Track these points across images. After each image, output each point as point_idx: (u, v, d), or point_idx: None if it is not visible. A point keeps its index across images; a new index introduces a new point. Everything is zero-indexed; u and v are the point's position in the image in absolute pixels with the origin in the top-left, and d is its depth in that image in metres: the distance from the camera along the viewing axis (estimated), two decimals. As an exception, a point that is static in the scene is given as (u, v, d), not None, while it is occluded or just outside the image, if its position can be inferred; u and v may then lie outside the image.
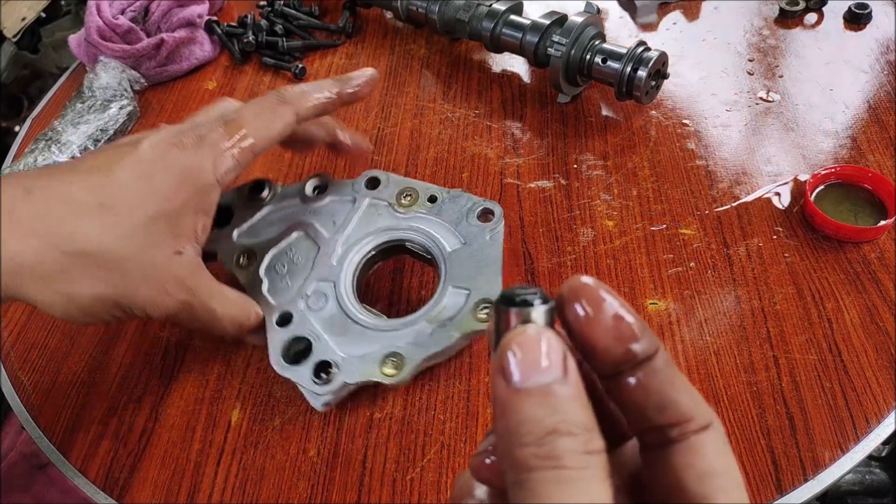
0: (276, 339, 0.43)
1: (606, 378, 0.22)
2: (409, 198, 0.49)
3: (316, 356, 0.42)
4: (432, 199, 0.49)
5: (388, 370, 0.41)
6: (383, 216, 0.48)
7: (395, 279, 0.51)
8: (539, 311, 0.20)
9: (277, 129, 0.42)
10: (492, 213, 0.47)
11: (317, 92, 0.45)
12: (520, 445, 0.19)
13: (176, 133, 0.40)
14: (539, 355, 0.19)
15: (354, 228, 0.48)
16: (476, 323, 0.42)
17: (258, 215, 0.49)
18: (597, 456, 0.19)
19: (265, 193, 0.50)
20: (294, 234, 0.48)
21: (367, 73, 0.48)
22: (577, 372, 0.20)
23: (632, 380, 0.21)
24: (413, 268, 0.52)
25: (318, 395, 0.42)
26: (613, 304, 0.21)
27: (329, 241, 0.47)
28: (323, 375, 0.42)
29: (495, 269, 0.44)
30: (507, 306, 0.20)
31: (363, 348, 0.42)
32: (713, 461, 0.21)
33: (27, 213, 0.36)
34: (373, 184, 0.50)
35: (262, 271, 0.46)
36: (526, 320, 0.20)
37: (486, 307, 0.43)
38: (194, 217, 0.40)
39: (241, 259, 0.47)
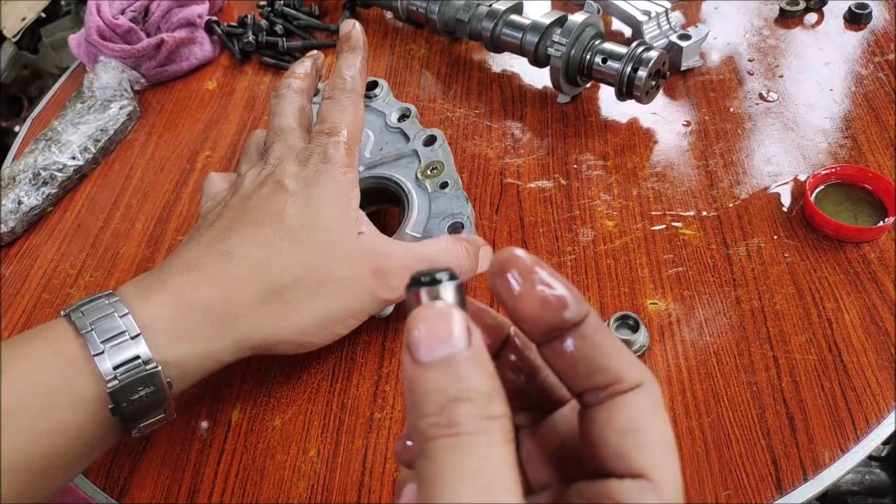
0: None
1: (539, 345, 0.22)
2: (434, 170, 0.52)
3: None
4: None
5: None
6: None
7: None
8: (447, 288, 0.21)
9: (360, 118, 0.47)
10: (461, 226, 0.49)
11: (359, 65, 0.49)
12: (422, 416, 0.19)
13: (300, 159, 0.44)
14: (442, 329, 0.20)
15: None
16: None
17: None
18: (497, 421, 0.19)
19: (377, 90, 0.57)
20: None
21: (352, 23, 0.51)
22: (482, 342, 0.20)
23: (562, 345, 0.22)
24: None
25: None
26: (542, 274, 0.21)
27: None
28: None
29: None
30: (416, 287, 0.21)
31: None
32: (634, 418, 0.21)
33: (240, 268, 0.39)
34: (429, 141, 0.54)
35: None
36: (435, 298, 0.21)
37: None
38: (355, 203, 0.43)
39: None
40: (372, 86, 0.58)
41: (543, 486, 0.24)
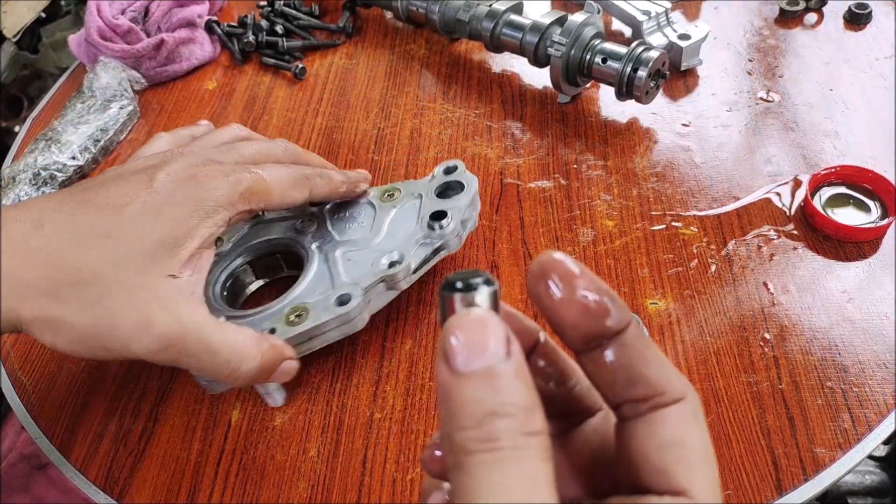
0: None
1: (577, 352, 0.22)
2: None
3: None
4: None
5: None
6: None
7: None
8: (483, 294, 0.20)
9: (291, 202, 0.44)
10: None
11: (333, 183, 0.47)
12: (459, 429, 0.19)
13: (195, 164, 0.40)
14: (481, 338, 0.19)
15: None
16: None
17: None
18: (536, 437, 0.19)
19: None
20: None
21: (365, 175, 0.50)
22: (521, 354, 0.20)
23: (602, 354, 0.21)
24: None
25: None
26: (584, 279, 0.20)
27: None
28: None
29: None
30: (450, 291, 0.20)
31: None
32: (676, 432, 0.20)
33: (37, 245, 0.36)
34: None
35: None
36: (470, 304, 0.20)
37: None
38: (199, 246, 0.39)
39: None
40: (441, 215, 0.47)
41: (571, 500, 0.23)
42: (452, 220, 0.45)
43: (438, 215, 0.46)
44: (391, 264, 0.44)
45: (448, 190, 0.48)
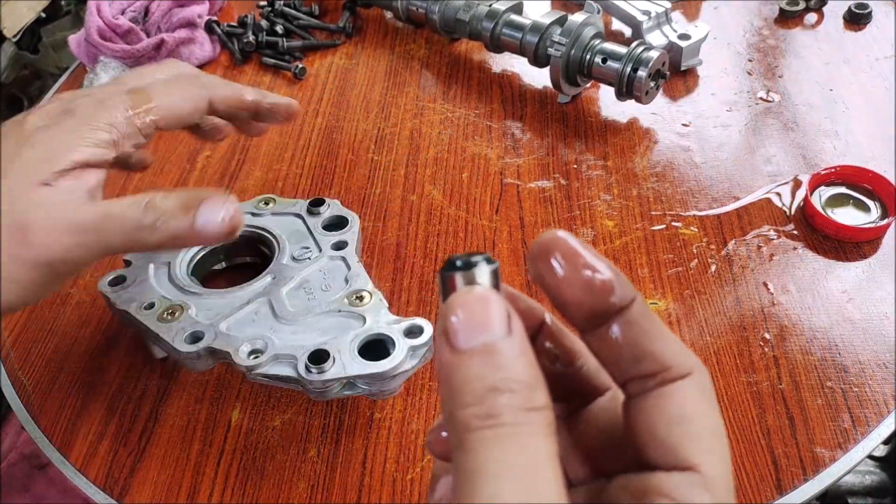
0: None
1: (583, 331, 0.21)
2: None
3: None
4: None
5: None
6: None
7: (395, 279, 0.51)
8: (483, 272, 0.20)
9: (187, 110, 0.41)
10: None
11: (235, 88, 0.44)
12: (461, 406, 0.18)
13: (71, 100, 0.38)
14: (482, 315, 0.19)
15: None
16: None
17: None
18: (538, 413, 0.18)
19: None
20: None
21: (287, 100, 0.47)
22: (523, 331, 0.19)
23: (608, 331, 0.21)
24: (413, 268, 0.52)
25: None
26: (587, 256, 0.20)
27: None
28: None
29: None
30: (451, 271, 0.20)
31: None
32: (684, 407, 0.20)
33: None
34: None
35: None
36: (471, 282, 0.20)
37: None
38: (78, 162, 0.37)
39: None
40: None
41: (580, 481, 0.23)
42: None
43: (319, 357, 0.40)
44: (252, 353, 0.41)
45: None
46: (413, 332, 0.40)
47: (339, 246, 0.47)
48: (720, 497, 0.19)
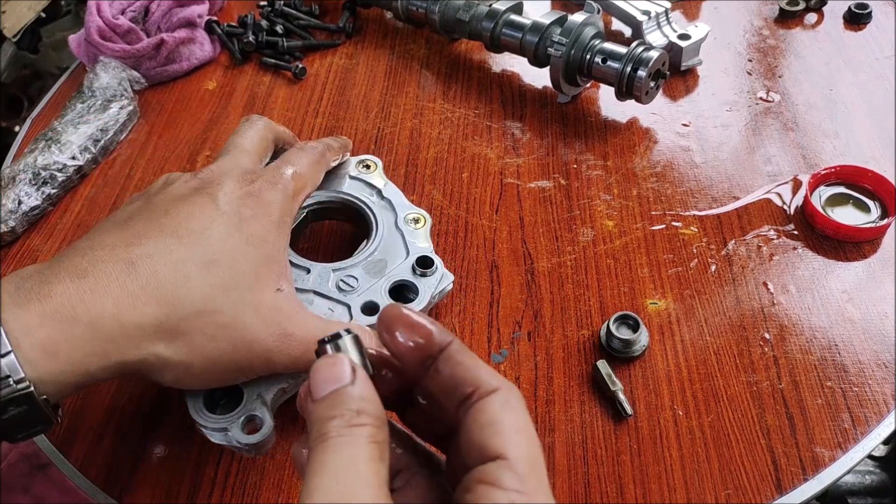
0: None
1: (419, 379, 0.28)
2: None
3: None
4: None
5: None
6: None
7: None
8: (346, 341, 0.27)
9: (321, 179, 0.48)
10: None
11: (336, 151, 0.50)
12: (310, 435, 0.25)
13: (243, 181, 0.41)
14: (332, 373, 0.26)
15: None
16: None
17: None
18: (360, 429, 0.24)
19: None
20: None
21: (346, 141, 0.53)
22: (364, 376, 0.26)
23: (434, 370, 0.27)
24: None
25: None
26: (406, 325, 0.27)
27: None
28: None
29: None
30: (322, 344, 0.27)
31: None
32: (491, 414, 0.26)
33: (136, 286, 0.35)
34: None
35: None
36: (337, 350, 0.26)
37: None
38: (285, 256, 0.41)
39: None
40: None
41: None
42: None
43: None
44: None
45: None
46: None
47: None
48: (523, 473, 0.24)
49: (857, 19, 0.68)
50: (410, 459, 0.28)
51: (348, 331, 0.27)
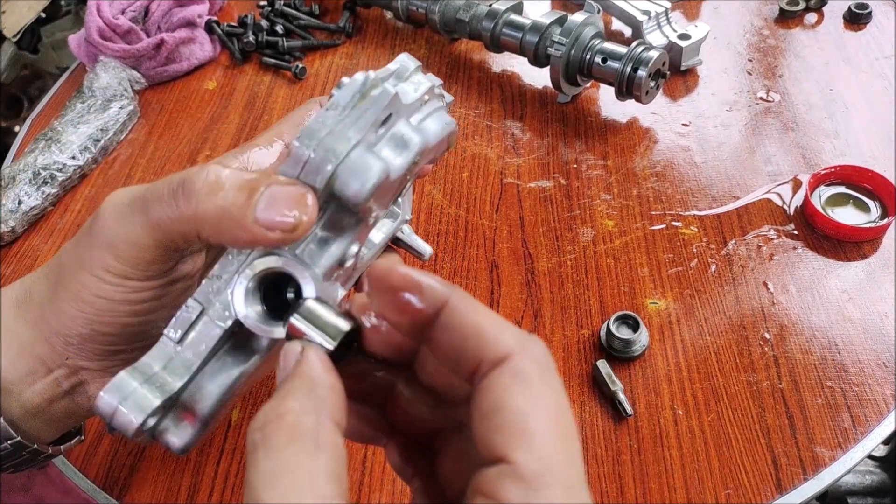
0: None
1: (421, 342, 0.22)
2: None
3: None
4: None
5: None
6: None
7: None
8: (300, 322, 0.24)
9: None
10: None
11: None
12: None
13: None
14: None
15: None
16: None
17: None
18: (300, 431, 0.21)
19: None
20: None
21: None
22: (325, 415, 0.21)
23: (436, 339, 0.21)
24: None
25: None
26: (396, 283, 0.21)
27: None
28: None
29: None
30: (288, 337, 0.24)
31: None
32: (495, 398, 0.19)
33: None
34: None
35: None
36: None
37: None
38: None
39: None
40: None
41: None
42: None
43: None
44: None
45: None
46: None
47: None
48: (533, 478, 0.18)
49: (856, 19, 0.68)
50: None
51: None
